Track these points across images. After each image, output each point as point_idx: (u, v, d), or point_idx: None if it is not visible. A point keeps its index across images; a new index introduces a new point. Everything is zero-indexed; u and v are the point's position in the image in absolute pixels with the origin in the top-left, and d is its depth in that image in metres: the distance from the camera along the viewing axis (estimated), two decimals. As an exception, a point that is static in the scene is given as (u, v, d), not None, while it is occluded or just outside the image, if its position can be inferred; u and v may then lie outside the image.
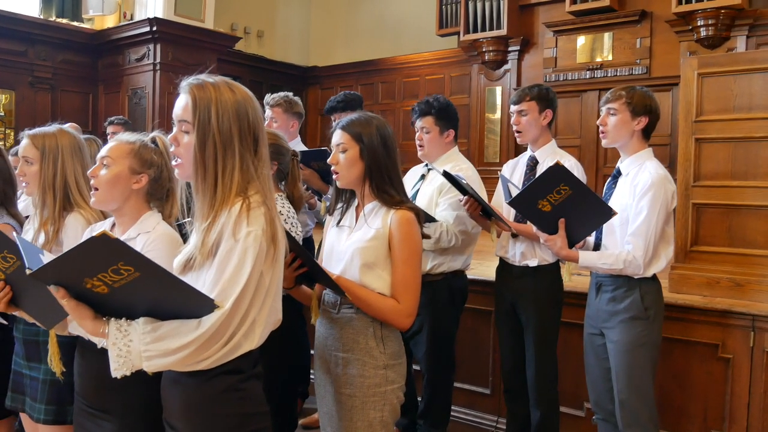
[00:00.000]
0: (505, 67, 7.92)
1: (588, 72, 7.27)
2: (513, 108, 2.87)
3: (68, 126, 2.60)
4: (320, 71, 9.86)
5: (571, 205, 2.28)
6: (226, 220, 1.44)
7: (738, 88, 3.03)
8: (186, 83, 1.52)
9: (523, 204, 2.39)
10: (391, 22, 9.61)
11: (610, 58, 7.16)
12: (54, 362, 1.83)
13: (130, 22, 7.38)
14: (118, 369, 1.38)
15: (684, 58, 3.21)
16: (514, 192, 2.51)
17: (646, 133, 2.49)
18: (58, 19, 7.44)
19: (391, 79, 9.12)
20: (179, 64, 7.34)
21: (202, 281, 1.44)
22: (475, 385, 3.59)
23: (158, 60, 7.20)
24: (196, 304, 1.37)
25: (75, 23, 7.57)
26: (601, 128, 2.53)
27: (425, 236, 1.93)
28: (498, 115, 7.98)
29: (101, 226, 1.99)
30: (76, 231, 2.07)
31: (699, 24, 6.33)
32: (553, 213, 2.33)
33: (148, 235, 1.82)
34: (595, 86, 7.19)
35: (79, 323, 1.40)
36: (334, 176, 1.95)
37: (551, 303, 2.83)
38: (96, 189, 1.83)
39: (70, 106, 7.60)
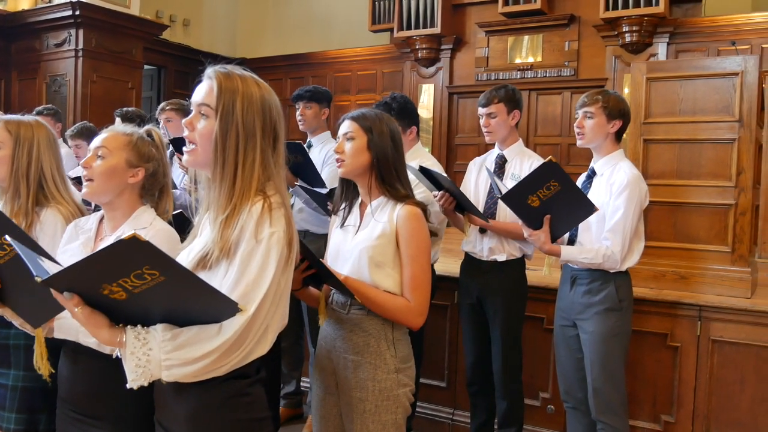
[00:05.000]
0: (438, 65, 8.03)
1: (518, 72, 7.50)
2: (481, 110, 2.93)
3: None
4: (248, 63, 9.61)
5: (558, 200, 2.36)
6: (246, 218, 1.38)
7: (684, 92, 3.23)
8: (212, 70, 1.47)
9: (515, 199, 2.44)
10: (321, 15, 9.53)
11: (539, 59, 7.41)
12: (41, 363, 1.69)
13: (49, 4, 6.94)
14: (135, 380, 1.28)
15: (634, 64, 3.40)
16: (503, 187, 2.56)
17: (618, 136, 2.62)
18: (-33, -1, 6.93)
19: (322, 74, 9.02)
20: (103, 51, 6.99)
21: (217, 283, 1.35)
22: (432, 379, 3.63)
23: (81, 46, 6.81)
24: (217, 309, 1.30)
25: (-15, 3, 7.07)
26: (577, 130, 2.63)
27: (433, 233, 1.93)
28: (431, 114, 8.08)
29: (86, 221, 1.88)
30: (55, 228, 1.94)
31: (624, 30, 6.67)
32: (540, 208, 2.40)
33: (144, 232, 1.73)
34: (526, 86, 7.41)
35: (92, 332, 1.28)
36: (338, 164, 1.93)
37: (518, 297, 2.92)
38: (90, 180, 1.73)
39: (-20, 92, 7.10)
